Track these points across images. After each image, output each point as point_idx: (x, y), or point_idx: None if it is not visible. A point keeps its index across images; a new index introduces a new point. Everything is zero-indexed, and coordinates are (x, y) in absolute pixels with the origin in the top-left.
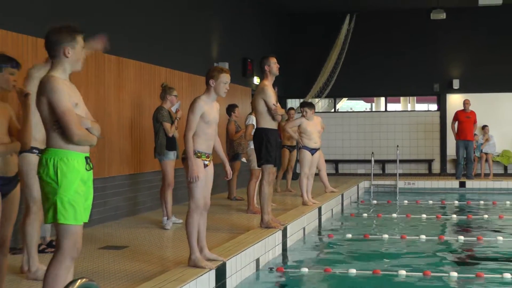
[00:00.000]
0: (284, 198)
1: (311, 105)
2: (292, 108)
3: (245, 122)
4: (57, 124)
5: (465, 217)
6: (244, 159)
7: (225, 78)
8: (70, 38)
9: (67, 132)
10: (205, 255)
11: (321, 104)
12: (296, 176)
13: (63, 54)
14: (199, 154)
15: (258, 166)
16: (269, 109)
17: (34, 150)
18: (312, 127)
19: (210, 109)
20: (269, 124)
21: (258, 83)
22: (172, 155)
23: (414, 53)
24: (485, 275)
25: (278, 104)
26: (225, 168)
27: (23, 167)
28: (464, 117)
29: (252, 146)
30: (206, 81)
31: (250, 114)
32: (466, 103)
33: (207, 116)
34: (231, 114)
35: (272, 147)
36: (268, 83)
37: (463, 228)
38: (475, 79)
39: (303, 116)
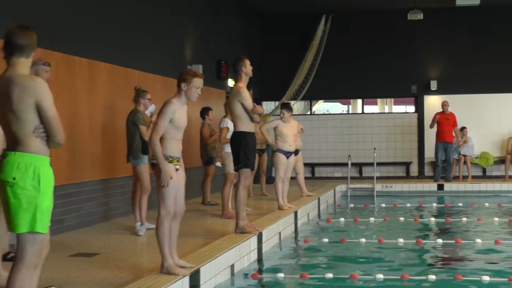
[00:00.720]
0: (259, 202)
1: (289, 107)
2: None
3: (219, 125)
4: (42, 129)
5: (444, 220)
6: (218, 163)
7: (198, 82)
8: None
9: (57, 136)
10: (175, 262)
11: (297, 106)
12: (272, 180)
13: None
14: (170, 159)
15: (236, 170)
16: (247, 111)
17: None
18: (288, 130)
19: (181, 113)
20: (247, 127)
21: (232, 86)
22: (147, 159)
23: (391, 54)
24: (463, 278)
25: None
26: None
27: None
28: (443, 119)
29: (227, 150)
30: (178, 84)
31: (224, 117)
32: (444, 104)
33: (177, 121)
34: (205, 117)
35: (251, 151)
36: (243, 85)
37: (441, 231)
38: (453, 80)
39: (280, 118)
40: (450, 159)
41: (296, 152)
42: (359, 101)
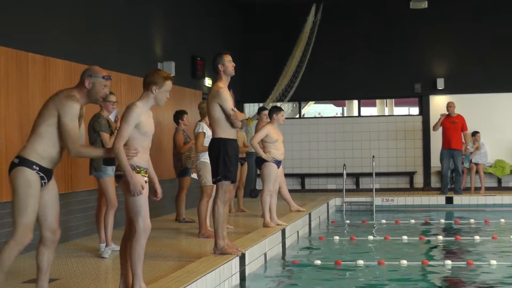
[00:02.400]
0: (237, 219)
1: (280, 108)
2: (264, 109)
3: (194, 130)
4: None
5: (453, 238)
6: (194, 175)
7: (169, 86)
8: None
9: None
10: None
11: (284, 108)
12: (255, 194)
13: None
14: (138, 169)
15: (214, 182)
16: (226, 115)
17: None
18: (278, 135)
19: (147, 118)
20: (227, 133)
21: (210, 85)
22: (111, 170)
23: (392, 48)
24: None
25: (236, 109)
26: (155, 186)
27: None
28: (449, 122)
29: (202, 159)
30: (146, 86)
31: (200, 121)
32: (450, 105)
33: (144, 127)
34: (179, 122)
35: (231, 160)
36: (223, 85)
37: (450, 251)
38: (463, 78)
39: (269, 122)
40: (458, 168)
41: None
42: (355, 102)
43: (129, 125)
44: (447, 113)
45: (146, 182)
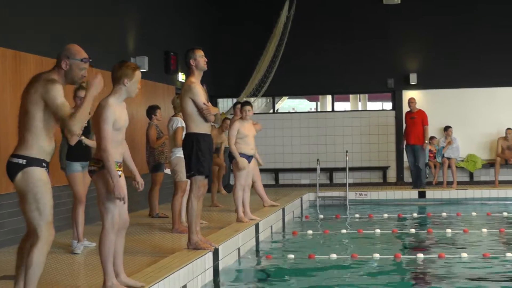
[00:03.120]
0: (210, 214)
1: (249, 103)
2: (239, 103)
3: (168, 125)
4: None
5: (425, 231)
6: (167, 170)
7: (139, 76)
8: None
9: None
10: (122, 281)
11: (257, 104)
12: (229, 189)
13: None
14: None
15: (188, 177)
16: (199, 110)
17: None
18: (249, 130)
19: (121, 113)
20: (200, 127)
21: (184, 81)
22: (77, 166)
23: (365, 43)
24: None
25: (209, 103)
26: (135, 179)
27: None
28: (409, 118)
29: (178, 154)
30: (116, 80)
31: (174, 116)
32: (411, 101)
33: (118, 122)
34: (152, 117)
35: (204, 155)
36: (195, 80)
37: (423, 244)
38: (436, 73)
39: (241, 118)
40: (418, 163)
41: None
42: (329, 97)
43: (109, 124)
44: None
45: (120, 176)
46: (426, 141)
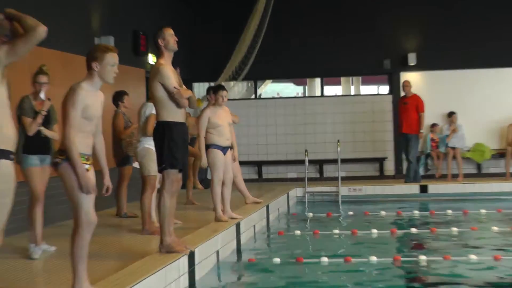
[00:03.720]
0: (186, 212)
1: (223, 87)
2: (212, 88)
3: (140, 110)
4: None
5: (428, 230)
6: (136, 163)
7: (112, 58)
8: None
9: None
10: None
11: (237, 89)
12: (207, 184)
13: None
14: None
15: (159, 171)
16: (169, 94)
17: None
18: (223, 119)
19: (94, 100)
20: (172, 115)
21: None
22: (35, 160)
23: (358, 20)
24: None
25: (184, 86)
26: (103, 181)
27: None
28: (401, 103)
29: (146, 145)
30: (88, 65)
31: (149, 101)
32: (405, 85)
33: (89, 110)
34: (119, 104)
35: (178, 146)
36: (165, 62)
37: (425, 245)
38: (437, 52)
39: (213, 104)
40: (408, 155)
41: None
42: (318, 80)
43: (77, 110)
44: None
45: (88, 170)
46: (422, 130)
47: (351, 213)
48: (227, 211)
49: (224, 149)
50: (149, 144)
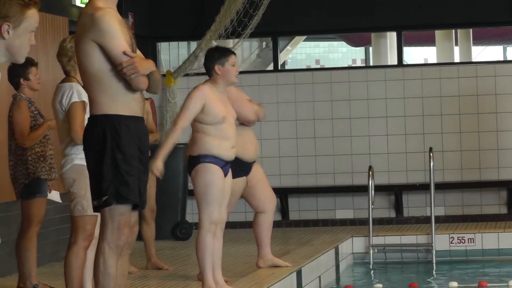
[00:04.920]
0: (146, 283)
1: (232, 51)
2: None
3: (54, 99)
4: None
5: None
6: (53, 194)
7: (34, 19)
8: None
9: None
10: None
11: (241, 52)
12: (185, 230)
13: None
14: None
15: (96, 208)
16: (116, 65)
17: None
18: (228, 110)
19: None
20: (120, 105)
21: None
22: None
23: None
24: None
25: (139, 52)
26: None
27: None
28: None
29: (76, 161)
30: None
31: (68, 80)
32: None
33: None
34: (20, 83)
35: (129, 160)
36: (106, 4)
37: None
38: None
39: (206, 82)
40: None
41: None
42: (392, 36)
43: None
44: None
45: None
46: None
47: (455, 285)
48: (218, 282)
49: (225, 166)
50: (81, 157)
